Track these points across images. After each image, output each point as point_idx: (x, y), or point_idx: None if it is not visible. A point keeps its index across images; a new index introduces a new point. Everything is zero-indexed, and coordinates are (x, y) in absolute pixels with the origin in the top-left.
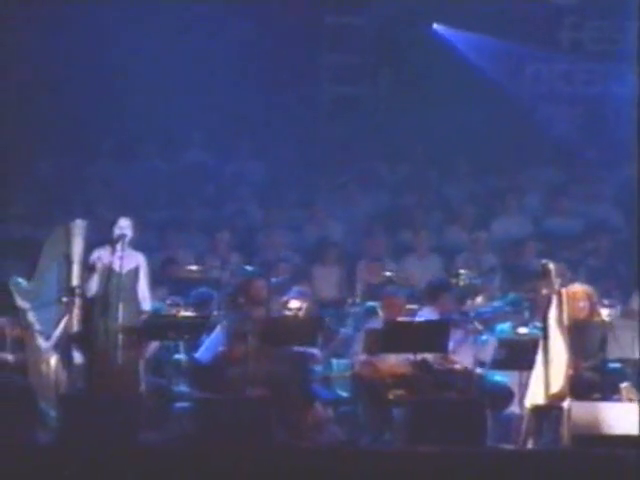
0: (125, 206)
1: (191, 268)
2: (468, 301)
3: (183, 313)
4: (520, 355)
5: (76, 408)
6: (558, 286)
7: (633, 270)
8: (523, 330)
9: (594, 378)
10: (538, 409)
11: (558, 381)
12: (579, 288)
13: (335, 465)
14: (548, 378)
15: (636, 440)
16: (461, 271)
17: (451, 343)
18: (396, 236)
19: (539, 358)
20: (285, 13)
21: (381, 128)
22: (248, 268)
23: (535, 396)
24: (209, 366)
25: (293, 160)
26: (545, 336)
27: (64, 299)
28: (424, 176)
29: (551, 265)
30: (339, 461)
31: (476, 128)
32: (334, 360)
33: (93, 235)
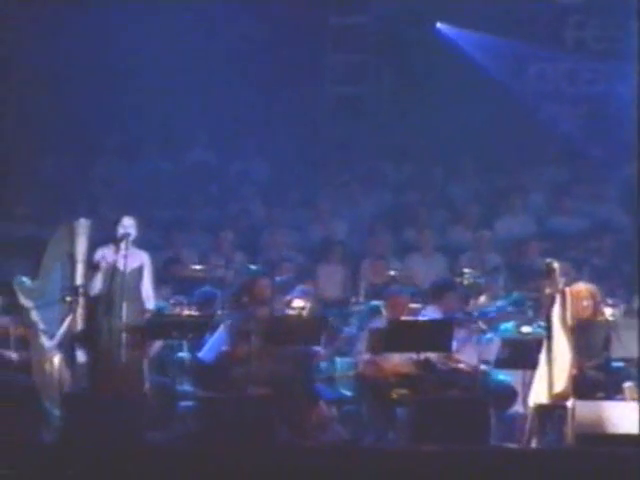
0: (129, 205)
1: (195, 267)
2: (472, 300)
3: (187, 312)
4: (524, 354)
5: (80, 407)
6: (562, 285)
7: (637, 269)
8: (527, 329)
9: (598, 377)
10: (542, 408)
11: (562, 380)
12: (583, 287)
13: (339, 464)
14: (552, 377)
15: None
16: (465, 270)
17: (455, 342)
18: (400, 235)
19: (543, 357)
20: (289, 13)
21: (385, 127)
22: (252, 267)
23: (539, 395)
24: (213, 365)
25: (297, 159)
26: (549, 335)
27: (68, 298)
28: (428, 175)
29: (555, 264)
30: (343, 460)
31: (479, 127)
32: (338, 359)
33: (97, 234)
